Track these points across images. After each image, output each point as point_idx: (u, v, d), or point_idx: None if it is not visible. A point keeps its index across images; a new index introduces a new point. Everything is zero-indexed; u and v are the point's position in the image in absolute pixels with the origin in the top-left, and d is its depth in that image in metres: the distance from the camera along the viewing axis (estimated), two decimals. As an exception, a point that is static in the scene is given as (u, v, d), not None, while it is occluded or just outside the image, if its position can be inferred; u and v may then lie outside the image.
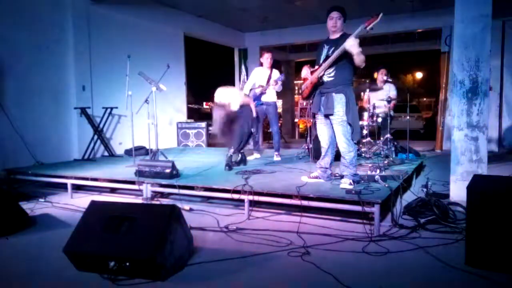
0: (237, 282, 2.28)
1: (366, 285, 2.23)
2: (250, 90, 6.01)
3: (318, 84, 3.79)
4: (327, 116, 3.80)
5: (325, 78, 3.74)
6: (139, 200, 4.20)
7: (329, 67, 3.67)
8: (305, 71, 3.92)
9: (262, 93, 5.86)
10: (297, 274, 2.36)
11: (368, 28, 3.36)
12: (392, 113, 6.41)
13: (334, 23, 3.72)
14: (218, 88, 5.15)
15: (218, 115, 5.10)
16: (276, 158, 5.86)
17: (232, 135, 5.09)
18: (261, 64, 6.05)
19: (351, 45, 3.43)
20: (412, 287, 2.24)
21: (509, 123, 8.35)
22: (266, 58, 5.93)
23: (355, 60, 3.55)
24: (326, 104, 3.74)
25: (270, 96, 5.90)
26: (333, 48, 3.67)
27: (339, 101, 3.67)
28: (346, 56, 3.56)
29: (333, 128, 3.78)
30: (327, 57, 3.68)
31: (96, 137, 6.35)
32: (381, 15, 3.27)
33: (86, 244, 2.38)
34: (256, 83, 5.94)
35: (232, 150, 5.07)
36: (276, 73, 5.93)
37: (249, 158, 5.96)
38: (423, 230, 3.09)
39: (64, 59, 6.20)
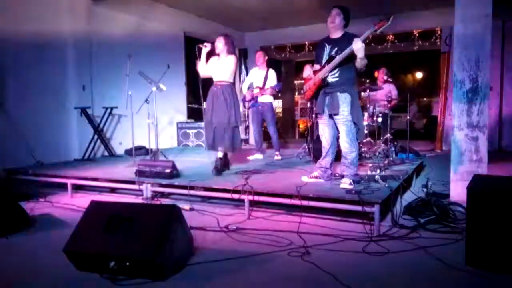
0: (237, 282, 2.28)
1: (366, 285, 2.23)
2: (248, 88, 6.05)
3: (322, 85, 3.79)
4: (331, 116, 3.79)
5: (329, 79, 3.73)
6: (139, 200, 4.20)
7: (334, 68, 3.66)
8: (308, 72, 3.91)
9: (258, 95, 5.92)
10: (297, 274, 2.36)
11: (378, 32, 3.35)
12: (391, 113, 6.41)
13: (332, 20, 3.72)
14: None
15: None
16: (277, 158, 5.88)
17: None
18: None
19: (358, 48, 3.42)
20: (412, 287, 2.24)
21: (509, 123, 8.35)
22: (258, 58, 5.98)
23: (357, 63, 3.55)
24: (331, 104, 3.73)
25: (265, 97, 5.90)
26: (336, 49, 3.65)
27: (344, 101, 3.67)
28: (350, 57, 3.55)
29: (338, 128, 3.78)
30: (331, 57, 3.66)
31: (96, 137, 6.35)
32: (392, 18, 3.24)
33: (86, 244, 2.38)
34: (254, 84, 5.99)
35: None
36: (272, 73, 5.95)
37: (250, 158, 5.98)
38: (423, 230, 3.09)
39: (64, 59, 6.19)
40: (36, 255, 2.76)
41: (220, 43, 4.55)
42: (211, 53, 4.64)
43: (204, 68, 4.61)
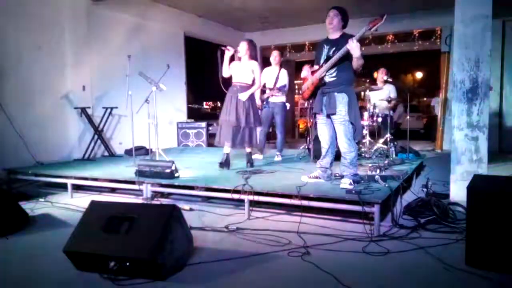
0: (237, 282, 2.28)
1: (366, 285, 2.23)
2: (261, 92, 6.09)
3: (320, 84, 3.80)
4: (329, 116, 3.80)
5: (327, 79, 3.75)
6: (139, 200, 4.20)
7: (331, 67, 3.67)
8: (306, 72, 3.93)
9: (269, 96, 5.94)
10: (297, 274, 2.36)
11: (372, 30, 3.35)
12: (391, 113, 6.42)
13: (330, 21, 3.73)
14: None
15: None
16: (277, 159, 5.88)
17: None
18: (270, 63, 6.15)
19: (353, 47, 3.43)
20: (412, 287, 2.24)
21: (509, 123, 8.35)
22: (275, 57, 6.04)
23: (353, 63, 3.58)
24: (329, 103, 3.74)
25: (277, 96, 5.95)
26: (333, 49, 3.67)
27: (341, 101, 3.68)
28: (348, 57, 3.57)
29: (335, 127, 3.78)
30: (328, 57, 3.68)
31: (96, 137, 6.35)
32: (385, 16, 3.26)
33: (86, 244, 2.38)
34: (266, 84, 6.01)
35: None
36: (283, 74, 6.00)
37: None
38: (423, 230, 3.09)
39: (64, 59, 6.19)
40: (36, 255, 2.76)
41: (243, 48, 4.88)
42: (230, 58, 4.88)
43: (227, 72, 4.89)
